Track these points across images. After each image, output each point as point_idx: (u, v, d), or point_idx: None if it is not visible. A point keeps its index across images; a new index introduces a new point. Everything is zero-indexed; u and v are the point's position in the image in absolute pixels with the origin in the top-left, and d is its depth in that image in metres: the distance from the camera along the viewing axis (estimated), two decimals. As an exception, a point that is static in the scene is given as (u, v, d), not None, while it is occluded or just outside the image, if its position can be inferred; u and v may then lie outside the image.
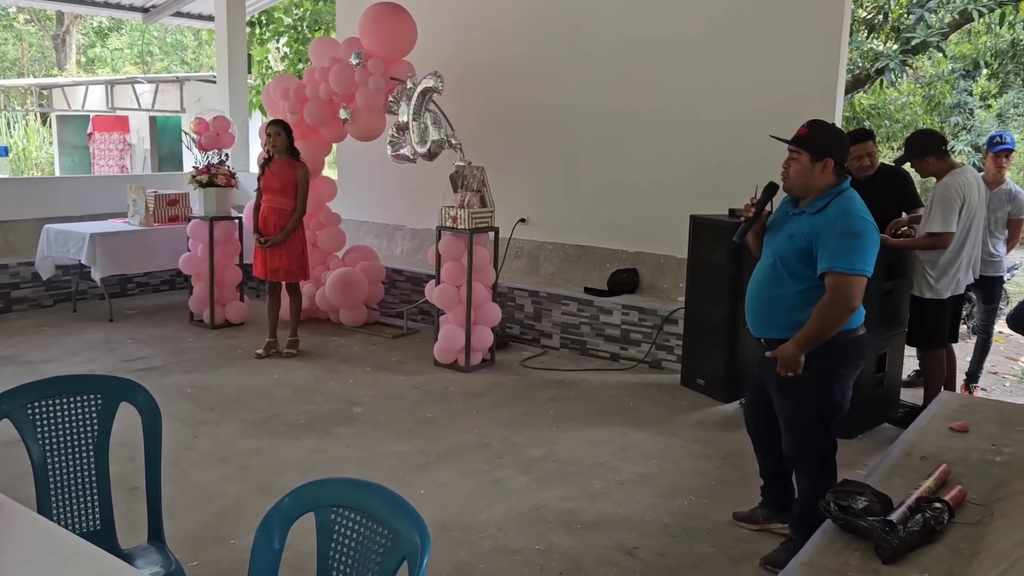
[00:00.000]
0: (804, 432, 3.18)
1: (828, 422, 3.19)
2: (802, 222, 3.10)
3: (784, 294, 3.12)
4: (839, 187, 3.10)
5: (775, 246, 3.19)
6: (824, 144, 3.11)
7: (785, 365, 3.09)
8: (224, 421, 4.76)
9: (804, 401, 3.15)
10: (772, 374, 3.19)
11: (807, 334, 3.02)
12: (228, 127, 6.94)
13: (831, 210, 3.03)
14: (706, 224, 5.39)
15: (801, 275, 3.08)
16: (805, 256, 3.05)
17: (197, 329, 6.85)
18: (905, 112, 15.04)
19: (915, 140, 4.89)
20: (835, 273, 2.95)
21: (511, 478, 4.07)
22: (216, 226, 6.71)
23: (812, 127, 3.16)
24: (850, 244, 2.95)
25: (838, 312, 2.98)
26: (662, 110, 6.40)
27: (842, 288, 2.95)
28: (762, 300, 3.20)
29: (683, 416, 5.04)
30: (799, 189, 3.15)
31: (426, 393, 5.36)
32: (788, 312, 3.11)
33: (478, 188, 5.79)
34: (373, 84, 6.41)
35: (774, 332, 3.17)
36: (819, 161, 3.07)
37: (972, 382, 5.73)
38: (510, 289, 6.68)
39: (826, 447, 3.22)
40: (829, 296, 2.98)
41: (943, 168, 4.70)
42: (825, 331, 3.01)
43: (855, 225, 2.98)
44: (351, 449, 4.39)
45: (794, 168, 3.12)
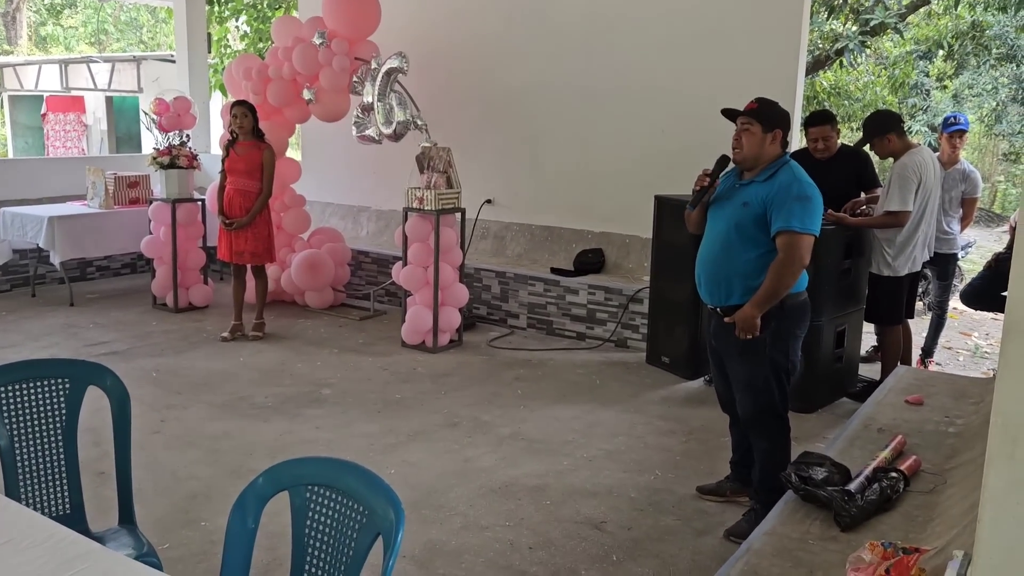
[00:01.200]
0: (760, 391, 3.29)
1: (783, 380, 3.31)
2: (754, 190, 3.23)
3: (741, 261, 3.24)
4: (784, 158, 3.28)
5: (728, 216, 3.30)
6: (774, 116, 3.28)
7: (744, 328, 3.20)
8: (191, 405, 4.74)
9: (760, 362, 3.27)
10: (730, 340, 3.30)
11: (764, 294, 3.16)
12: (189, 107, 6.85)
13: (781, 176, 3.20)
14: (671, 204, 5.45)
15: (757, 240, 3.21)
16: (760, 221, 3.19)
17: (160, 313, 6.78)
18: (867, 92, 15.23)
19: (876, 120, 4.98)
20: (790, 232, 3.11)
21: (480, 457, 4.11)
22: (179, 208, 6.63)
23: (761, 102, 3.33)
24: (804, 206, 3.13)
25: (792, 269, 3.14)
26: (626, 90, 6.44)
27: (795, 246, 3.11)
28: (719, 269, 3.30)
29: (648, 393, 5.13)
30: (751, 160, 3.27)
31: (394, 374, 5.38)
32: (744, 278, 3.24)
33: (444, 169, 5.79)
34: (337, 64, 6.36)
35: (732, 299, 3.28)
36: (770, 132, 3.24)
37: (927, 357, 5.89)
38: (477, 270, 6.70)
39: (781, 406, 3.33)
40: (783, 255, 3.13)
41: (902, 147, 4.80)
42: (781, 289, 3.16)
43: (806, 190, 3.17)
44: (320, 431, 4.40)
45: (747, 139, 3.26)
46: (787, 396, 3.34)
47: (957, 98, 19.52)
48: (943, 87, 19.66)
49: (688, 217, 3.53)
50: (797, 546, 2.47)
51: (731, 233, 3.25)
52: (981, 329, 7.83)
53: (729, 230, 3.25)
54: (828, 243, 4.43)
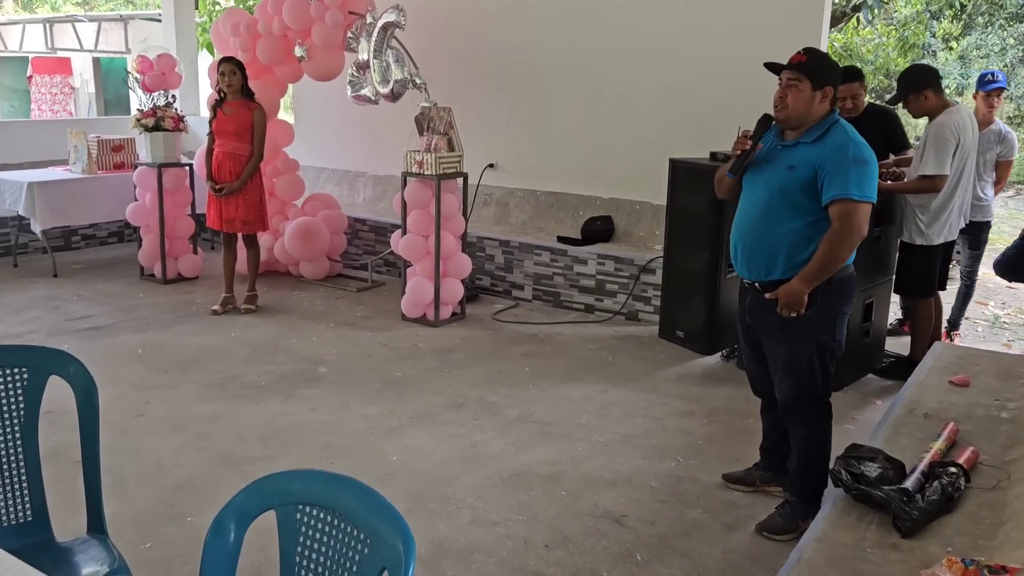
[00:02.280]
0: (803, 373, 3.00)
1: (827, 362, 3.02)
2: (802, 152, 2.90)
3: (785, 231, 2.92)
4: (833, 116, 2.95)
5: (770, 181, 2.97)
6: (825, 71, 2.94)
7: (789, 304, 2.90)
8: (178, 384, 4.45)
9: (804, 342, 2.97)
10: (769, 319, 3.00)
11: (815, 268, 2.86)
12: (174, 66, 6.47)
13: (834, 137, 2.87)
14: (687, 168, 5.13)
15: (804, 209, 2.89)
16: (809, 187, 2.87)
17: (148, 284, 6.46)
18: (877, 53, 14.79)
19: (912, 74, 4.62)
20: (847, 200, 2.79)
21: (488, 441, 3.83)
22: (165, 173, 6.28)
23: (810, 53, 2.97)
24: (860, 171, 2.81)
25: (851, 241, 2.84)
26: (636, 47, 6.07)
27: (853, 216, 2.80)
28: (760, 240, 2.98)
29: (663, 370, 4.84)
30: (796, 119, 2.94)
31: (394, 350, 5.08)
32: (789, 250, 2.92)
33: (445, 131, 5.44)
34: (330, 19, 5.98)
35: (774, 274, 2.97)
36: (819, 89, 2.90)
37: (953, 329, 5.61)
38: (479, 239, 6.38)
39: (824, 389, 3.04)
40: (840, 225, 2.81)
41: (939, 105, 4.46)
42: (835, 263, 2.86)
43: (863, 152, 2.84)
44: (316, 413, 4.11)
45: (793, 96, 2.91)
46: (831, 379, 3.04)
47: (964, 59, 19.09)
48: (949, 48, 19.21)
49: (719, 182, 3.20)
50: (853, 554, 2.19)
51: (774, 200, 2.92)
52: (997, 298, 7.54)
53: (772, 197, 2.93)
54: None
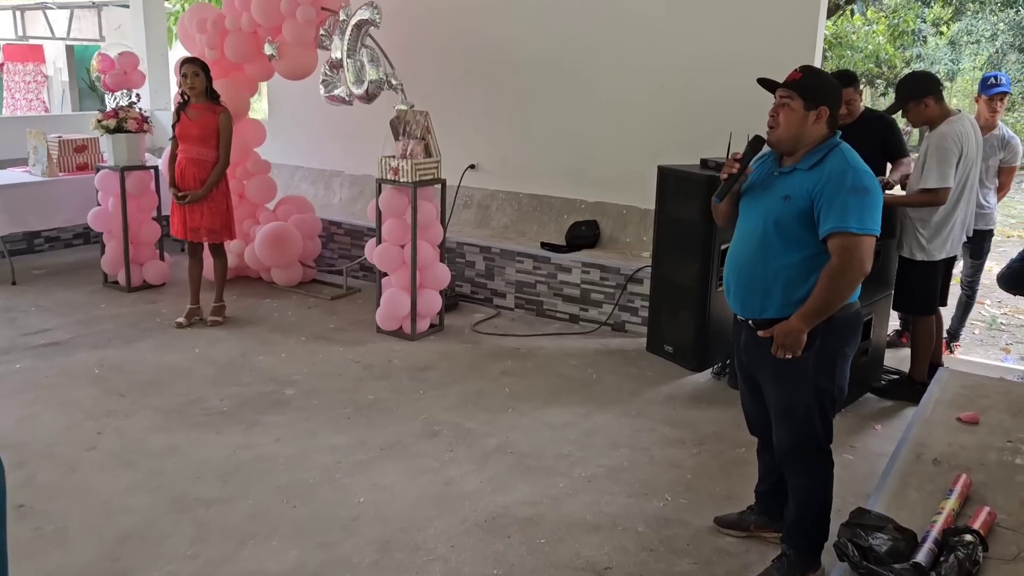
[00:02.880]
0: (801, 422, 2.76)
1: (828, 409, 2.78)
2: (797, 179, 2.65)
3: (782, 266, 2.66)
4: (833, 140, 2.68)
5: (765, 210, 2.71)
6: (820, 90, 2.68)
7: (785, 345, 2.65)
8: (135, 411, 4.17)
9: (801, 387, 2.72)
10: (765, 359, 2.75)
11: (814, 306, 2.60)
12: (137, 64, 6.14)
13: (831, 163, 2.61)
14: (676, 176, 4.87)
15: (801, 241, 2.63)
16: (806, 218, 2.61)
17: (111, 293, 6.16)
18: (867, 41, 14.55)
19: (912, 82, 4.37)
20: (846, 234, 2.53)
21: (464, 477, 3.58)
22: (128, 177, 5.98)
23: (807, 71, 2.72)
24: (861, 200, 2.54)
25: (850, 278, 2.58)
26: (625, 44, 5.79)
27: (854, 250, 2.54)
28: (754, 275, 2.73)
29: (651, 390, 4.60)
30: (788, 142, 2.69)
31: (367, 368, 4.82)
32: (786, 286, 2.67)
33: (422, 135, 5.16)
34: (301, 15, 5.67)
35: (769, 311, 2.72)
36: (813, 109, 2.65)
37: (953, 340, 5.40)
38: (459, 244, 6.11)
39: (824, 438, 2.80)
40: (839, 261, 2.56)
41: (940, 114, 4.22)
42: (836, 301, 2.60)
43: (863, 179, 2.57)
44: (280, 444, 3.85)
45: (785, 116, 2.66)
46: (831, 426, 2.80)
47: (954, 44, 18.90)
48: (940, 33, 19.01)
49: (713, 208, 2.95)
50: (862, 646, 1.96)
51: (769, 232, 2.67)
52: (993, 296, 7.35)
53: (767, 228, 2.68)
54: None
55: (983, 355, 6.01)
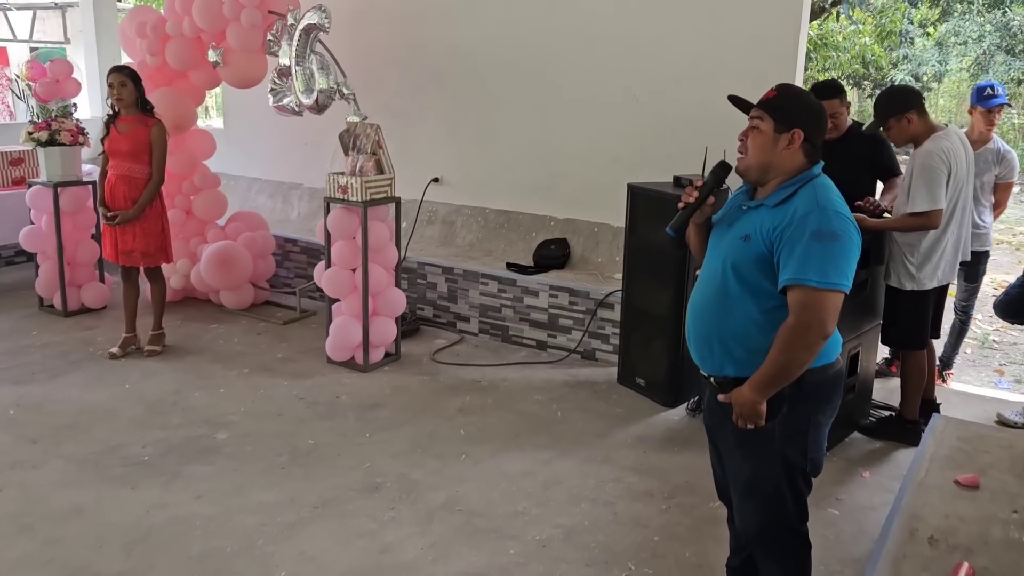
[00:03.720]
0: (769, 498, 2.36)
1: (800, 485, 2.38)
2: (760, 218, 2.25)
3: (742, 318, 2.27)
4: (810, 172, 2.27)
5: (724, 250, 2.32)
6: (794, 111, 2.28)
7: (743, 416, 2.26)
8: (45, 461, 3.75)
9: (768, 460, 2.32)
10: (727, 425, 2.36)
11: (768, 373, 2.20)
12: (70, 71, 5.70)
13: (798, 202, 2.20)
14: (647, 195, 4.48)
15: (761, 290, 2.24)
16: (764, 264, 2.22)
17: (46, 318, 5.73)
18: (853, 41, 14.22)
19: (891, 97, 3.98)
20: (805, 287, 2.12)
21: (403, 542, 3.18)
22: (63, 193, 5.55)
23: (783, 89, 2.32)
24: (826, 249, 2.12)
25: (807, 341, 2.15)
26: (594, 49, 5.41)
27: (813, 308, 2.12)
28: (711, 325, 2.33)
29: (620, 430, 4.21)
30: (756, 170, 2.30)
31: (311, 406, 4.41)
32: (746, 340, 2.27)
33: (373, 151, 4.75)
34: (247, 19, 5.26)
35: (728, 368, 2.32)
36: (785, 132, 2.25)
37: (946, 368, 5.03)
38: (420, 264, 5.71)
39: (797, 517, 2.41)
40: (795, 319, 2.15)
41: (925, 130, 3.84)
42: (793, 367, 2.19)
43: (833, 223, 2.14)
44: (201, 502, 3.44)
45: (753, 140, 2.29)
46: (805, 504, 2.41)
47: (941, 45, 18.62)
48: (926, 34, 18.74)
49: (688, 238, 2.57)
50: None
51: (728, 277, 2.28)
52: (984, 310, 7.00)
53: (725, 272, 2.28)
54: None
55: (976, 378, 5.67)
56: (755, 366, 2.25)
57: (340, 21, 5.34)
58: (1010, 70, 17.18)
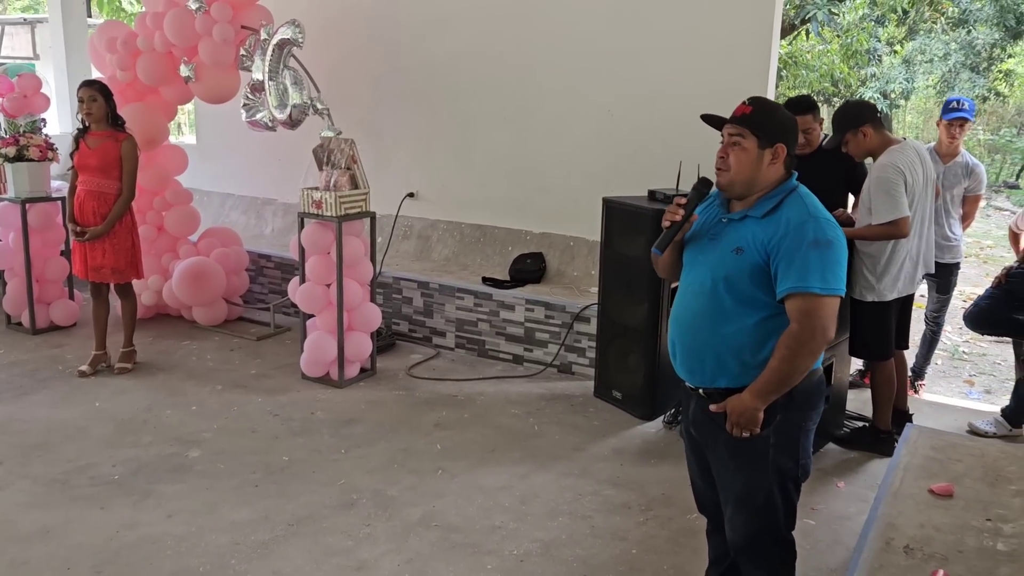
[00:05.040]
0: (761, 509, 2.37)
1: (791, 493, 2.40)
2: (750, 229, 2.27)
3: (736, 330, 2.28)
4: (789, 183, 2.31)
5: (714, 264, 2.33)
6: (775, 126, 2.30)
7: (741, 423, 2.27)
8: (11, 482, 3.67)
9: (761, 470, 2.34)
10: (718, 436, 2.37)
11: (771, 380, 2.22)
12: (39, 86, 5.64)
13: (789, 211, 2.23)
14: (622, 209, 4.50)
15: (757, 302, 2.26)
16: (760, 275, 2.24)
17: (14, 336, 5.64)
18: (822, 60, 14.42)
19: (845, 112, 4.02)
20: (807, 295, 2.16)
21: (379, 560, 3.14)
22: (31, 210, 5.48)
23: (757, 104, 2.33)
24: (824, 256, 2.17)
25: (813, 347, 2.20)
26: (568, 63, 5.45)
27: (816, 314, 2.16)
28: (703, 340, 2.34)
29: (597, 444, 4.20)
30: (741, 186, 2.31)
31: (286, 422, 4.36)
32: (740, 352, 2.29)
33: (347, 166, 4.74)
34: (219, 34, 5.23)
35: (721, 380, 2.33)
36: (769, 148, 2.28)
37: (918, 379, 5.08)
38: (396, 279, 5.68)
39: (786, 526, 2.42)
40: (799, 327, 2.18)
41: (880, 143, 3.89)
42: (796, 374, 2.22)
43: (827, 231, 2.20)
44: (172, 521, 3.38)
45: (736, 157, 2.29)
46: (795, 512, 2.42)
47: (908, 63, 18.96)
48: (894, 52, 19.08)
49: (654, 260, 2.56)
50: None
51: (719, 290, 2.29)
52: (953, 322, 7.08)
53: (716, 285, 2.29)
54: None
55: (947, 388, 5.73)
56: (748, 376, 2.27)
57: (314, 36, 5.34)
58: (975, 87, 17.52)
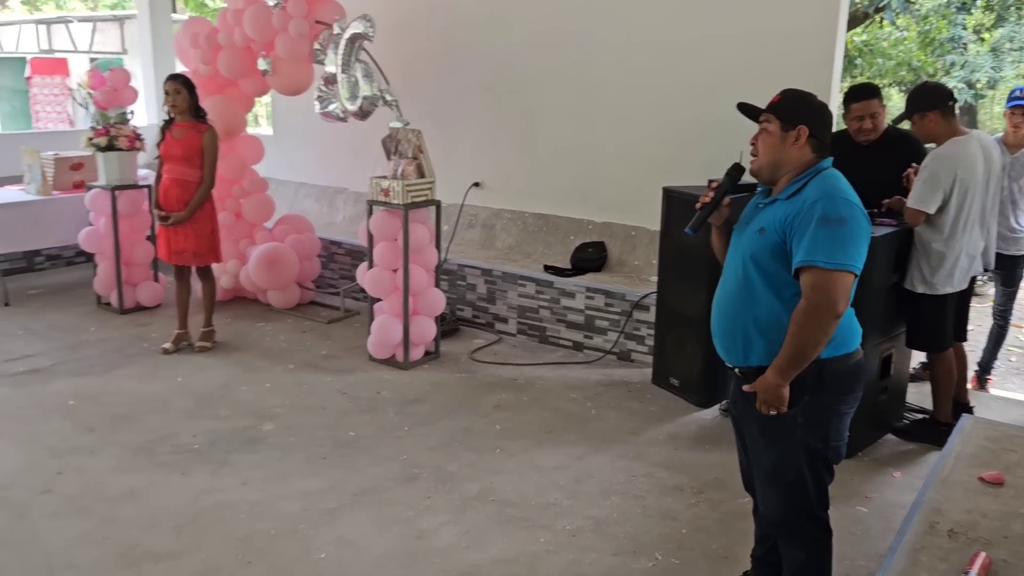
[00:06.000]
0: (791, 486, 2.44)
1: (821, 472, 2.46)
2: (774, 211, 2.38)
3: (764, 310, 2.38)
4: (819, 165, 2.39)
5: (744, 247, 2.44)
6: (798, 109, 2.41)
7: (766, 401, 2.35)
8: (101, 448, 3.96)
9: (790, 447, 2.41)
10: (750, 413, 2.46)
11: (787, 356, 2.30)
12: (128, 80, 5.97)
13: (808, 192, 2.32)
14: (682, 199, 4.55)
15: (780, 281, 2.35)
16: (780, 254, 2.33)
17: (103, 315, 5.99)
18: (899, 48, 14.04)
19: (918, 93, 4.00)
20: (814, 268, 2.24)
21: (438, 529, 3.31)
22: (120, 196, 5.81)
23: (787, 94, 2.47)
24: (832, 232, 2.24)
25: (819, 320, 2.25)
26: (632, 58, 5.51)
27: (822, 288, 2.23)
28: (734, 319, 2.45)
29: (652, 429, 4.29)
30: (768, 169, 2.43)
31: (353, 401, 4.57)
32: (768, 331, 2.38)
33: (414, 155, 4.91)
34: (295, 29, 5.46)
35: (752, 358, 2.43)
36: (791, 130, 2.38)
37: (985, 374, 5.01)
38: (460, 266, 5.85)
39: (819, 504, 2.48)
40: (806, 301, 2.26)
41: (946, 132, 3.86)
42: (809, 348, 2.28)
43: (840, 209, 2.26)
44: (247, 488, 3.60)
45: (763, 141, 2.43)
46: (826, 491, 2.48)
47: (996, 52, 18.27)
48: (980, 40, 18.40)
49: (713, 243, 2.70)
50: None
51: (748, 270, 2.39)
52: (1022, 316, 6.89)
53: (746, 266, 2.40)
54: (875, 251, 3.52)
55: (1020, 387, 5.61)
56: (775, 354, 2.34)
57: (384, 30, 5.53)
58: (1067, 78, 16.80)
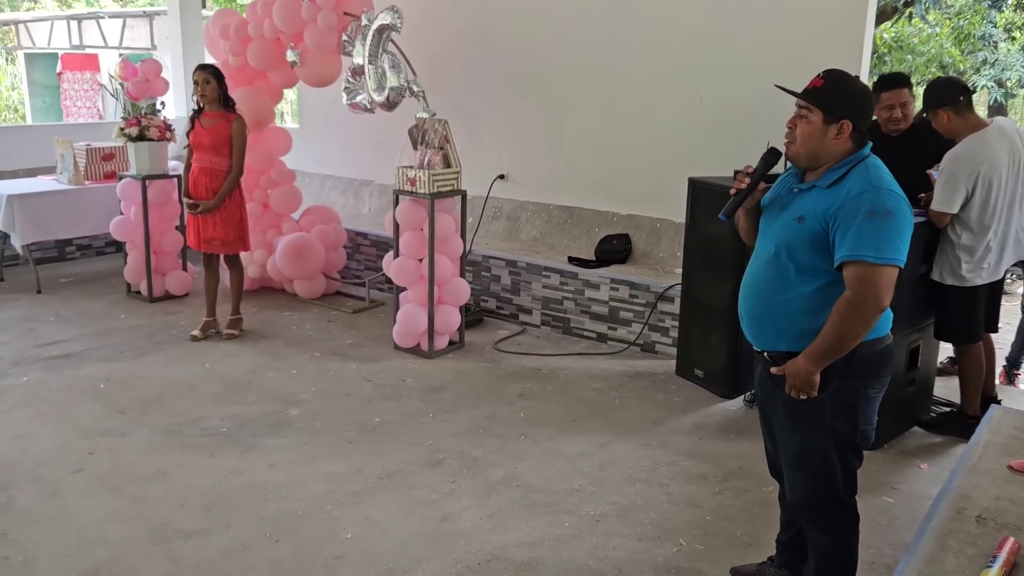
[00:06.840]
0: (818, 471, 2.44)
1: (849, 457, 2.45)
2: (813, 199, 2.33)
3: (795, 296, 2.36)
4: (859, 153, 2.34)
5: (778, 232, 2.41)
6: (842, 102, 2.34)
7: (797, 386, 2.34)
8: (132, 430, 4.02)
9: (818, 431, 2.40)
10: (778, 397, 2.45)
11: (824, 345, 2.28)
12: (160, 71, 6.05)
13: (852, 182, 2.28)
14: (707, 189, 4.55)
15: (815, 269, 2.32)
16: (819, 244, 2.30)
17: (133, 303, 6.08)
18: (930, 44, 13.87)
19: (930, 89, 3.95)
20: (861, 263, 2.20)
21: (462, 512, 3.33)
22: (150, 186, 5.89)
23: (829, 78, 2.37)
24: (880, 226, 2.20)
25: (864, 314, 2.24)
26: (660, 49, 5.50)
27: (869, 282, 2.20)
28: (765, 304, 2.43)
29: (676, 418, 4.29)
30: (806, 158, 2.37)
31: (378, 388, 4.61)
32: (799, 318, 2.36)
33: (440, 145, 4.94)
34: (323, 20, 5.51)
35: (781, 344, 2.41)
36: (834, 124, 2.32)
37: (1014, 369, 4.96)
38: (485, 258, 5.87)
39: (846, 490, 2.47)
40: (852, 294, 2.23)
41: (962, 127, 3.80)
42: (848, 340, 2.27)
43: (886, 201, 2.22)
44: (274, 470, 3.65)
45: (802, 130, 2.35)
46: (855, 476, 2.48)
47: (1028, 50, 18.03)
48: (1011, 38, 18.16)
49: (737, 224, 2.66)
50: None
51: (782, 257, 2.37)
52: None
53: (779, 253, 2.37)
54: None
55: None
56: (806, 341, 2.33)
57: (411, 21, 5.56)
58: (1099, 77, 16.53)
